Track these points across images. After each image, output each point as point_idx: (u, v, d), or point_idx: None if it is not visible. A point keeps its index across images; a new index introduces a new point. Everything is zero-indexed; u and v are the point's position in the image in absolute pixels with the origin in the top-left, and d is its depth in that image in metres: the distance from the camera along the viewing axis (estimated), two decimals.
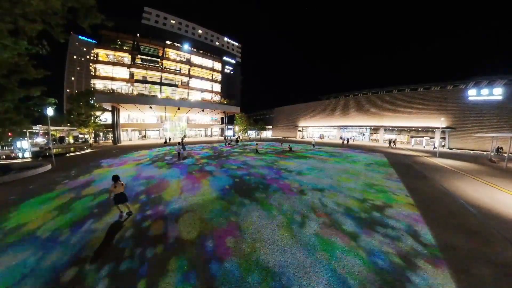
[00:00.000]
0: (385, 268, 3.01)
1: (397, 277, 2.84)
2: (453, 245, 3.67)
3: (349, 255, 3.30)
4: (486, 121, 26.74)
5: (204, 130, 50.15)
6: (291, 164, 11.86)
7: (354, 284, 2.69)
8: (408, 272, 2.95)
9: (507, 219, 4.89)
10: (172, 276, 2.82)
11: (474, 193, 6.95)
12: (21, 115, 10.92)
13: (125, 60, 34.39)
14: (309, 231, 4.05)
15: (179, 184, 7.47)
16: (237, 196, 6.11)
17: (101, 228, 4.21)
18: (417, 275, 2.88)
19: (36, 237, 3.84)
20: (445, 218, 4.87)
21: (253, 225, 4.31)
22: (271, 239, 3.73)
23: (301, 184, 7.51)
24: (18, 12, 6.75)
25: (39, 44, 8.22)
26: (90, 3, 7.76)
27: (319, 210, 5.12)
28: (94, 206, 5.35)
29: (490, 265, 3.13)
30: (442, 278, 2.84)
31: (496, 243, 3.80)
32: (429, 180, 8.70)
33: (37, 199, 5.90)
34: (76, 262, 3.12)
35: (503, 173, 10.67)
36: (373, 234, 3.96)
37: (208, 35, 70.63)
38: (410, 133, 33.89)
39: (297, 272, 2.90)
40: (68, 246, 3.53)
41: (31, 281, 2.73)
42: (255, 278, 2.78)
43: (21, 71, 9.32)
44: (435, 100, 30.73)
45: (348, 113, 41.88)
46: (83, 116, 26.98)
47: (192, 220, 4.54)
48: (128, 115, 38.76)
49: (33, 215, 4.82)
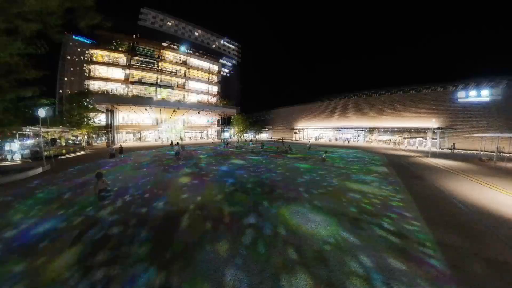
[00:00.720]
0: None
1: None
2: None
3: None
4: (475, 121, 27.73)
5: (201, 132, 49.94)
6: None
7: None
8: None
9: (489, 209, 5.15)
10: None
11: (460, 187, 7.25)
12: (11, 116, 10.70)
13: (121, 61, 34.11)
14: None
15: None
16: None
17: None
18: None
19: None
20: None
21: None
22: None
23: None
24: (14, 12, 6.69)
25: (36, 44, 8.13)
26: (88, 3, 7.75)
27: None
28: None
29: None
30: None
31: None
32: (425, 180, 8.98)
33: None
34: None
35: (492, 171, 11.13)
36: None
37: (206, 36, 70.83)
38: (403, 134, 34.72)
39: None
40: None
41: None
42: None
43: (15, 71, 9.17)
44: (426, 102, 31.68)
45: (343, 115, 42.61)
46: (77, 117, 26.50)
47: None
48: (124, 117, 38.27)
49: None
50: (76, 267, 2.89)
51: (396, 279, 2.71)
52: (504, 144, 23.84)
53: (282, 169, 10.50)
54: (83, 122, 27.08)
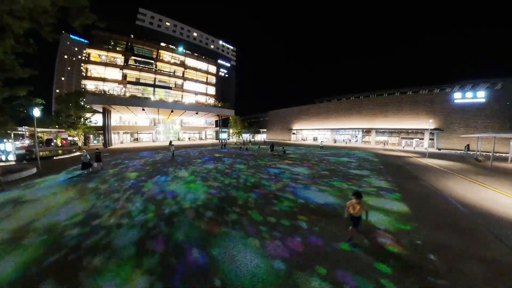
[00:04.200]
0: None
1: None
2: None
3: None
4: (471, 122, 27.98)
5: (198, 133, 49.71)
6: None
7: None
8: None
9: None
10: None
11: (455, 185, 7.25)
12: (5, 116, 10.50)
13: (118, 61, 33.82)
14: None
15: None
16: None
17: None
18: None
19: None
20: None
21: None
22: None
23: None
24: (4, 9, 6.54)
25: (27, 43, 7.98)
26: (82, 3, 7.63)
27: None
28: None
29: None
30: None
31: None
32: (422, 181, 8.98)
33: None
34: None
35: (487, 171, 11.18)
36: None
37: (203, 38, 70.70)
38: (400, 135, 34.91)
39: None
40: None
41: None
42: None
43: (6, 70, 8.99)
44: (423, 103, 31.89)
45: (341, 116, 42.71)
46: (72, 117, 26.16)
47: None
48: (120, 117, 37.94)
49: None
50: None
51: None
52: (487, 144, 24.05)
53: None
54: (79, 122, 26.73)
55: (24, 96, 11.38)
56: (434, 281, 2.69)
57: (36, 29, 7.54)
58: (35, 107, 11.78)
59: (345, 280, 2.67)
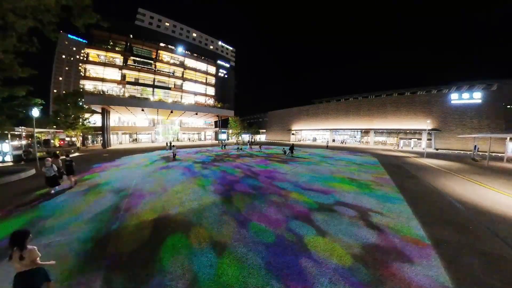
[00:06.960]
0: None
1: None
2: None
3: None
4: (468, 123, 28.39)
5: (198, 133, 49.60)
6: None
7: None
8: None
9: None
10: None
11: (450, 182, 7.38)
12: (3, 116, 10.39)
13: (117, 61, 33.69)
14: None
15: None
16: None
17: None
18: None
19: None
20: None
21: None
22: None
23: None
24: (7, 7, 6.52)
25: (30, 42, 7.94)
26: (86, 2, 7.62)
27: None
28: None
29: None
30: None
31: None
32: (420, 179, 9.12)
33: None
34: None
35: (483, 170, 11.38)
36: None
37: (203, 38, 70.85)
38: (399, 135, 35.24)
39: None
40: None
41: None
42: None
43: (5, 69, 8.91)
44: (421, 103, 32.29)
45: (340, 116, 43.01)
46: (71, 118, 25.94)
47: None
48: (119, 118, 37.73)
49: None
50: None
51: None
52: (484, 144, 24.44)
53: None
54: (78, 123, 26.52)
55: (24, 96, 11.28)
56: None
57: (39, 28, 7.51)
58: (35, 107, 11.68)
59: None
